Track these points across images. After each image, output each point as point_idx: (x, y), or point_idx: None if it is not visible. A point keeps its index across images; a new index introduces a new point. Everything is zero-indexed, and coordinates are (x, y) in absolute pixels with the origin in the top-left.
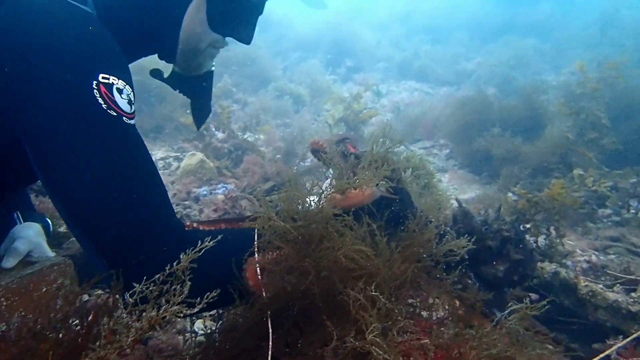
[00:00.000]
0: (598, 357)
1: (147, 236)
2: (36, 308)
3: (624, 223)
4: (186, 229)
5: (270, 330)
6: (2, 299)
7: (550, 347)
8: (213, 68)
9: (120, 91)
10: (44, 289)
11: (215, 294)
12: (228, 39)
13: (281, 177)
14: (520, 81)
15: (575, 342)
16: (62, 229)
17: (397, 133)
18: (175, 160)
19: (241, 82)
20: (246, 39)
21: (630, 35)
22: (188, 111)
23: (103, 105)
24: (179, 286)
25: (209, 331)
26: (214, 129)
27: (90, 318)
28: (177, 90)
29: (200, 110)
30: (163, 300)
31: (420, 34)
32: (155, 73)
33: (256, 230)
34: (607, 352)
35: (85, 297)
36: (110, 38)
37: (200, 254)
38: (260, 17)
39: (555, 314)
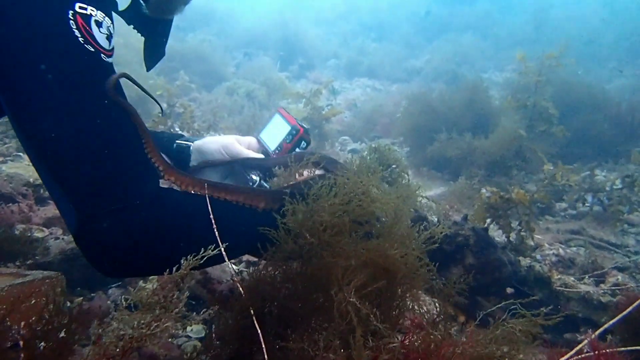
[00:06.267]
0: (574, 350)
1: (118, 185)
2: (23, 318)
3: (580, 216)
4: (163, 186)
5: (260, 331)
6: None
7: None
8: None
9: (99, 24)
10: (33, 301)
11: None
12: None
13: None
14: (467, 78)
15: (548, 333)
16: (36, 234)
17: (357, 130)
18: None
19: (193, 80)
20: None
21: (563, 33)
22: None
23: (80, 39)
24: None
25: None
26: (178, 129)
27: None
28: (132, 27)
29: (153, 51)
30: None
31: (365, 31)
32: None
33: None
34: (580, 347)
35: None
36: None
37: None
38: (204, 12)
39: (528, 306)
